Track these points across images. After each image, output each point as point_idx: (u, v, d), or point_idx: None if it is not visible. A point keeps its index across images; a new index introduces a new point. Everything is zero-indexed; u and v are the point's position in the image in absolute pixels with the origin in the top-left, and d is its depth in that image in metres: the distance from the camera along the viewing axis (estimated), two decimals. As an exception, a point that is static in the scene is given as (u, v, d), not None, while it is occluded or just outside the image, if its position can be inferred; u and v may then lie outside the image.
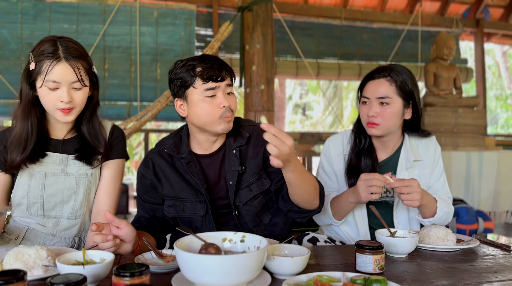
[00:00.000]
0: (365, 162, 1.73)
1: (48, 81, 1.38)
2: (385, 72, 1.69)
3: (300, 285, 0.97)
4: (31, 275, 1.03)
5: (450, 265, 1.23)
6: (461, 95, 5.32)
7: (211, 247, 1.07)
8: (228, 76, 1.47)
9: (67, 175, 1.50)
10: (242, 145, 1.55)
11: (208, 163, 1.55)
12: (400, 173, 1.73)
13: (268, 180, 1.56)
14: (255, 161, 1.54)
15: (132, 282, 0.88)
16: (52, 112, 1.43)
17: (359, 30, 6.33)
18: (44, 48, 1.39)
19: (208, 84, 1.43)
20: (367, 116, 1.69)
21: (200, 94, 1.44)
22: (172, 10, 5.31)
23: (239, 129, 1.58)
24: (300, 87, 14.86)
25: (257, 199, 1.55)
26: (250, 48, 4.40)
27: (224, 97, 1.45)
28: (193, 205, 1.52)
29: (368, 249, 1.13)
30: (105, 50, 5.08)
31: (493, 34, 7.11)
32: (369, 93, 1.69)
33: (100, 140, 1.53)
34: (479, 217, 4.08)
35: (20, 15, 4.89)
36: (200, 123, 1.47)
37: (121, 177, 1.61)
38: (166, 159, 1.56)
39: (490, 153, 4.79)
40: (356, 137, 1.78)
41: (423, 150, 1.78)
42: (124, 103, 5.19)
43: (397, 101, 1.67)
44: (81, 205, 1.52)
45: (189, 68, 1.45)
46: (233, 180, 1.51)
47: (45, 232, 1.51)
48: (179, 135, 1.61)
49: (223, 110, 1.44)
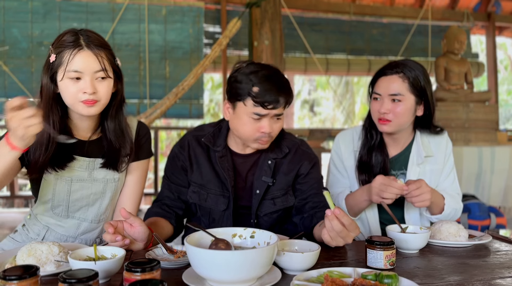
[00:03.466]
0: (376, 158, 1.71)
1: (70, 71, 1.29)
2: (397, 68, 1.65)
3: (310, 280, 0.97)
4: (43, 270, 1.04)
5: (462, 261, 1.22)
6: (472, 90, 5.26)
7: (221, 242, 1.07)
8: (282, 105, 1.41)
9: (94, 180, 1.44)
10: (278, 158, 1.54)
11: (240, 162, 1.54)
12: (411, 169, 1.72)
13: (293, 197, 1.56)
14: (287, 177, 1.54)
15: (143, 278, 0.88)
16: (74, 105, 1.33)
17: (368, 25, 6.28)
18: (64, 38, 1.31)
19: (257, 109, 1.38)
20: (378, 113, 1.66)
21: (247, 113, 1.40)
22: (180, 8, 5.32)
23: (280, 142, 1.56)
24: (309, 83, 14.80)
25: (278, 213, 1.55)
26: (259, 44, 4.39)
27: (269, 123, 1.41)
28: (216, 198, 1.52)
29: (379, 245, 1.12)
30: (114, 48, 5.04)
31: (505, 27, 7.01)
32: (381, 90, 1.66)
33: (127, 140, 1.45)
34: (491, 213, 4.03)
35: (30, 14, 4.93)
36: (237, 133, 1.47)
37: (145, 177, 1.56)
38: (202, 146, 1.55)
39: (502, 148, 4.73)
40: (367, 133, 1.76)
41: (434, 146, 1.76)
42: (134, 101, 5.21)
43: (409, 98, 1.64)
44: (105, 210, 1.48)
45: (248, 82, 1.38)
46: (261, 190, 1.51)
47: (66, 234, 1.46)
48: (219, 125, 1.59)
49: (261, 134, 1.42)
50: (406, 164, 1.74)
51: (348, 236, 1.15)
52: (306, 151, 1.59)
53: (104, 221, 1.50)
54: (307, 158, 1.57)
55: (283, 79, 1.43)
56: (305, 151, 1.59)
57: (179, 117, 5.79)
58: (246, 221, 1.55)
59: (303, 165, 1.56)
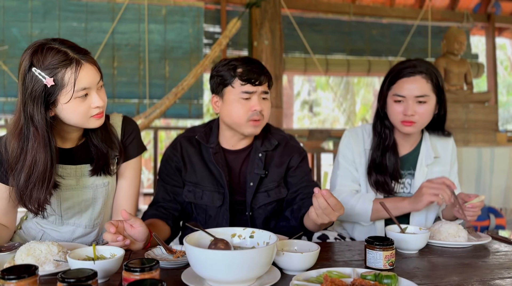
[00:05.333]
0: (390, 159, 1.69)
1: (79, 90, 1.21)
2: (420, 68, 1.62)
3: (310, 280, 0.97)
4: (42, 270, 1.04)
5: (462, 261, 1.22)
6: (472, 91, 5.25)
7: (220, 242, 1.07)
8: (266, 81, 1.51)
9: (83, 187, 1.41)
10: (269, 151, 1.60)
11: (232, 159, 1.60)
12: (420, 169, 1.71)
13: (286, 189, 1.61)
14: (279, 170, 1.60)
15: (142, 277, 0.88)
16: (83, 123, 1.28)
17: (368, 25, 6.27)
18: (51, 57, 1.19)
19: (246, 87, 1.48)
20: (402, 115, 1.62)
21: (237, 94, 1.49)
22: (180, 8, 5.32)
23: (268, 135, 1.63)
24: (309, 84, 14.80)
25: (271, 205, 1.60)
26: (258, 44, 4.39)
27: (259, 101, 1.49)
28: (212, 195, 1.56)
29: (378, 245, 1.12)
30: (114, 48, 5.10)
31: (505, 28, 7.00)
32: (404, 91, 1.62)
33: (113, 142, 1.41)
34: (490, 213, 4.03)
35: (30, 13, 4.93)
36: (229, 121, 1.52)
37: (139, 175, 1.54)
38: (194, 145, 1.61)
39: (502, 149, 4.73)
40: (381, 133, 1.73)
41: (441, 147, 1.76)
42: (133, 100, 5.21)
43: (432, 98, 1.63)
44: (99, 214, 1.47)
45: (231, 68, 1.50)
46: (254, 182, 1.56)
47: (61, 239, 1.45)
48: (209, 125, 1.65)
49: (253, 113, 1.48)
50: (414, 165, 1.73)
51: (332, 214, 1.22)
52: (295, 145, 1.66)
53: (98, 225, 1.49)
54: (297, 151, 1.64)
55: (259, 62, 1.56)
56: (295, 145, 1.66)
57: (179, 117, 5.78)
58: (242, 217, 1.59)
59: (293, 158, 1.62)
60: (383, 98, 1.71)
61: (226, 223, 1.57)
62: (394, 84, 1.65)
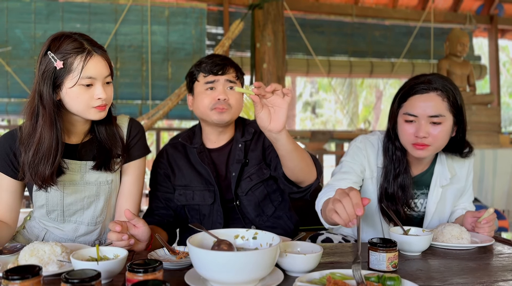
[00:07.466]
0: (402, 183, 1.54)
1: (84, 77, 1.27)
2: (435, 84, 1.44)
3: (313, 282, 0.97)
4: (46, 270, 1.04)
5: (465, 263, 1.21)
6: (474, 93, 5.25)
7: (223, 243, 1.07)
8: (229, 71, 1.57)
9: (87, 183, 1.43)
10: (248, 140, 1.65)
11: (216, 156, 1.64)
12: (433, 190, 1.61)
13: (268, 170, 1.63)
14: (255, 153, 1.63)
15: (146, 278, 0.88)
16: (84, 111, 1.32)
17: (370, 27, 6.28)
18: (66, 43, 1.27)
19: (208, 77, 1.56)
20: (414, 137, 1.46)
21: (202, 86, 1.57)
22: (183, 9, 5.33)
23: (247, 126, 1.68)
24: (311, 85, 14.81)
25: (258, 189, 1.62)
26: (261, 46, 4.40)
27: (223, 90, 1.55)
28: (202, 194, 1.60)
29: (381, 247, 1.12)
30: (117, 49, 5.12)
31: (508, 30, 7.00)
32: (416, 110, 1.45)
33: (118, 141, 1.44)
34: (493, 215, 4.02)
35: (33, 15, 4.95)
36: (199, 114, 1.60)
37: (143, 177, 1.55)
38: (179, 150, 1.66)
39: (504, 151, 4.72)
40: (392, 156, 1.56)
41: (458, 165, 1.63)
42: (136, 102, 5.22)
43: (449, 118, 1.45)
44: (101, 212, 1.48)
45: (197, 64, 1.61)
46: (236, 171, 1.60)
47: (64, 237, 1.46)
48: (193, 129, 1.71)
49: (217, 102, 1.54)
50: (428, 184, 1.62)
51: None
52: None
53: (101, 223, 1.50)
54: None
55: (225, 56, 1.64)
56: None
57: (181, 118, 5.78)
58: (235, 213, 1.61)
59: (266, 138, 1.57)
60: (393, 117, 1.55)
61: (221, 218, 1.59)
62: (405, 101, 1.49)
